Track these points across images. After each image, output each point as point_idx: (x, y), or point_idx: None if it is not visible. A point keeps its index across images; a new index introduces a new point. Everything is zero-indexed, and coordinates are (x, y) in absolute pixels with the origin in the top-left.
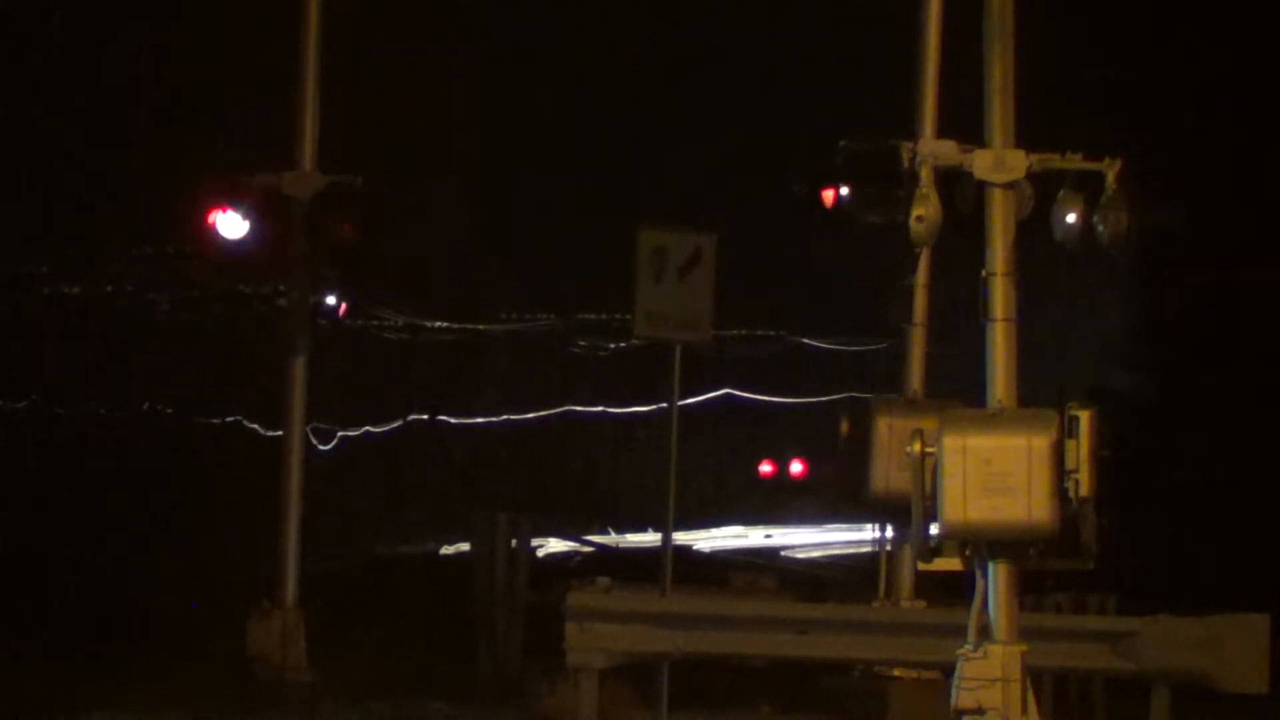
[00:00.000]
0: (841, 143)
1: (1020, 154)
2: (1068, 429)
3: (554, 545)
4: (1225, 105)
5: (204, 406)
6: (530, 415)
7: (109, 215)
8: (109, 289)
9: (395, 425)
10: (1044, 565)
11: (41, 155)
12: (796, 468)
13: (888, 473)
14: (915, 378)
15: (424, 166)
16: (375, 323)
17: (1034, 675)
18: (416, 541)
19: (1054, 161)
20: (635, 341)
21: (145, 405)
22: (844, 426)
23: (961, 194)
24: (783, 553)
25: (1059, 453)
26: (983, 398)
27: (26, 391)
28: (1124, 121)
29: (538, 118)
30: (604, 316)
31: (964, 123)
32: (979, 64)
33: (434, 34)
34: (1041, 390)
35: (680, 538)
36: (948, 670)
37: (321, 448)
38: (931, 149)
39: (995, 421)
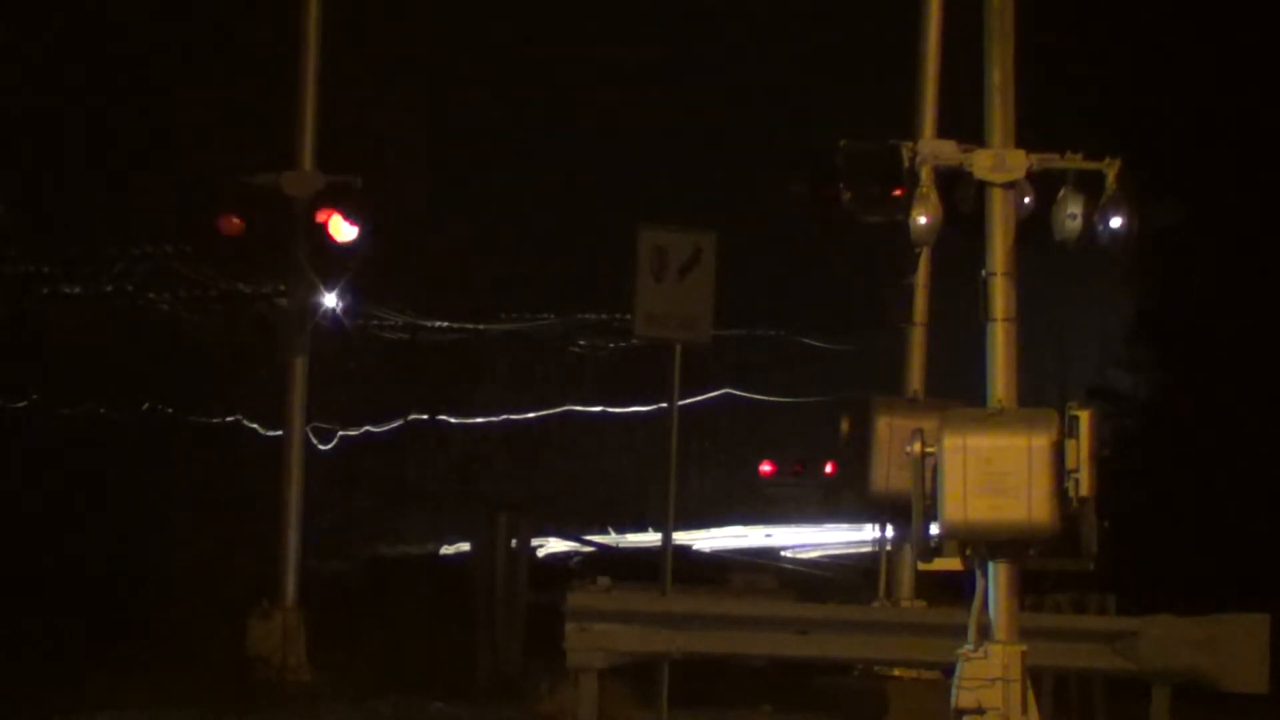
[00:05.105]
0: (841, 143)
1: (1020, 154)
2: (1068, 429)
3: (554, 545)
4: (1225, 105)
5: (204, 406)
6: (530, 415)
7: (109, 215)
8: (109, 289)
9: (395, 425)
10: (1044, 565)
11: (42, 154)
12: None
13: (888, 473)
14: (915, 378)
15: (424, 165)
16: (375, 323)
17: (1034, 675)
18: (416, 541)
19: (1054, 161)
20: (635, 341)
21: (145, 405)
22: (844, 426)
23: (961, 194)
24: (783, 552)
25: (1059, 453)
26: (983, 397)
27: (26, 391)
28: (1124, 121)
29: (538, 116)
30: (604, 316)
31: (964, 123)
32: (979, 64)
33: (434, 32)
34: (1042, 390)
35: (680, 538)
36: (948, 670)
37: (321, 448)
38: (931, 149)
39: (995, 421)
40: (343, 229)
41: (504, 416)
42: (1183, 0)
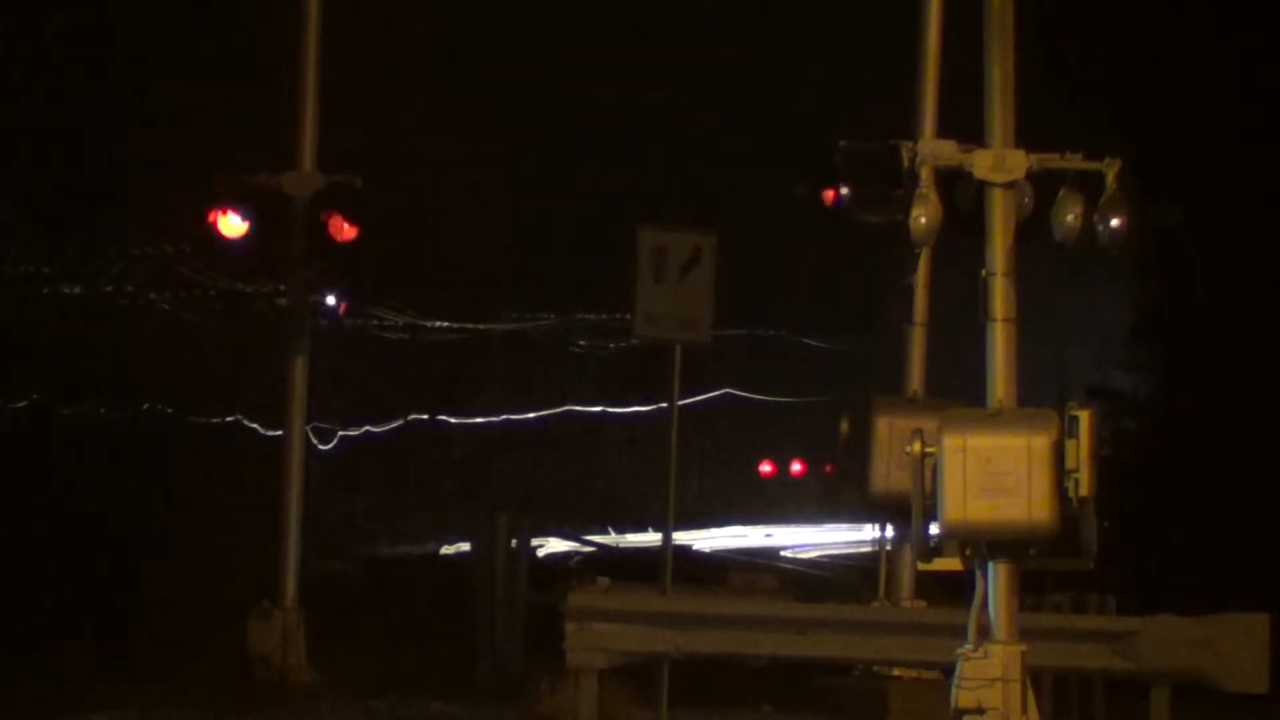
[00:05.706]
0: (841, 143)
1: (1020, 154)
2: (1068, 429)
3: (554, 545)
4: (1225, 105)
5: (204, 406)
6: (530, 415)
7: (109, 215)
8: (109, 289)
9: (395, 425)
10: (1044, 565)
11: (42, 155)
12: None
13: (888, 473)
14: (915, 378)
15: (426, 166)
16: (375, 323)
17: (1034, 675)
18: (416, 541)
19: (1054, 161)
20: (635, 341)
21: (145, 405)
22: (844, 426)
23: (961, 194)
24: (783, 552)
25: (1059, 453)
26: (983, 397)
27: (26, 391)
28: (1124, 121)
29: (539, 116)
30: (604, 316)
31: (964, 123)
32: (979, 64)
33: (434, 33)
34: (1042, 390)
35: (680, 537)
36: (948, 670)
37: (322, 448)
38: (931, 149)
39: (995, 421)
40: (343, 229)
41: (504, 416)
42: (1182, 1)
